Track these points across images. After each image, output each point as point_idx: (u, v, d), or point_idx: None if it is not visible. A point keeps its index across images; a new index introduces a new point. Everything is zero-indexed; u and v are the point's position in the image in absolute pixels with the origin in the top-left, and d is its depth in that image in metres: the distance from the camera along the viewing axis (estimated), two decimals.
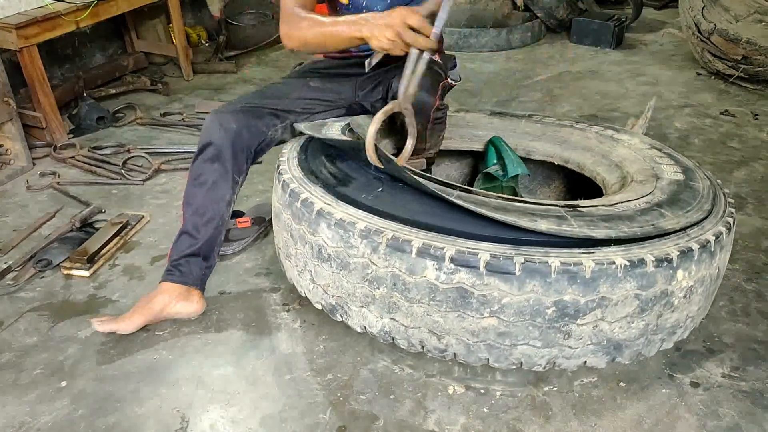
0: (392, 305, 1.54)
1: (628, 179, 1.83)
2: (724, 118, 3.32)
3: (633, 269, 1.42)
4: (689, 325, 1.63)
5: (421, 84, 1.67)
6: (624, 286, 1.43)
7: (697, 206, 1.63)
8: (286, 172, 1.76)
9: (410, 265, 1.46)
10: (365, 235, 1.50)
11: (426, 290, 1.48)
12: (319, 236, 1.60)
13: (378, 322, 1.59)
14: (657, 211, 1.58)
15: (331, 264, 1.59)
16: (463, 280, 1.43)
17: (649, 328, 1.52)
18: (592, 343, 1.50)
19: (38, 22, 2.82)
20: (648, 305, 1.47)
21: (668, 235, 1.52)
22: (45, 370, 1.75)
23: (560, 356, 1.51)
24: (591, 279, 1.40)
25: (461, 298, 1.45)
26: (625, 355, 1.55)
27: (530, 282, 1.41)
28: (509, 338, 1.49)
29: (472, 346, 1.52)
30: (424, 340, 1.56)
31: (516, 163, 2.08)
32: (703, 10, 3.71)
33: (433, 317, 1.51)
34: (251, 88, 3.73)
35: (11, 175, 2.72)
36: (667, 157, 1.91)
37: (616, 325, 1.48)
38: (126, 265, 2.18)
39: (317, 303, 1.72)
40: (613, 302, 1.44)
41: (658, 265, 1.43)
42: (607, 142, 2.06)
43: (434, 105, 1.84)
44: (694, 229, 1.55)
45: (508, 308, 1.44)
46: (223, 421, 1.59)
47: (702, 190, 1.72)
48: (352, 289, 1.58)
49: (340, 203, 1.61)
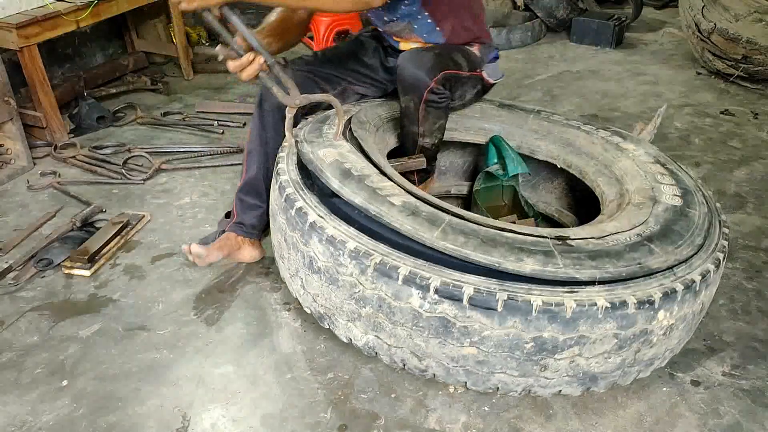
0: (377, 324, 1.55)
1: (625, 198, 1.81)
2: (724, 117, 3.32)
3: (614, 311, 1.42)
4: (668, 356, 1.63)
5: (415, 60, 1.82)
6: (603, 326, 1.43)
7: (689, 240, 1.60)
8: (284, 173, 1.76)
9: (396, 290, 1.48)
10: (354, 256, 1.51)
11: (410, 316, 1.49)
12: (311, 248, 1.60)
13: (363, 336, 1.61)
14: (647, 246, 1.55)
15: (320, 276, 1.60)
16: (446, 310, 1.45)
17: (626, 362, 1.52)
18: (568, 375, 1.51)
19: (39, 22, 2.82)
20: (626, 343, 1.47)
21: (654, 274, 1.50)
22: (46, 369, 1.75)
23: (536, 385, 1.53)
24: (571, 319, 1.41)
25: (443, 327, 1.47)
26: (600, 385, 1.56)
27: (511, 318, 1.42)
28: (487, 366, 1.50)
29: (451, 370, 1.54)
30: (405, 359, 1.58)
31: (516, 163, 2.08)
32: (703, 10, 3.71)
33: (416, 341, 1.52)
34: (252, 87, 3.72)
35: (12, 174, 2.72)
36: (668, 176, 1.87)
37: (593, 360, 1.49)
38: (127, 264, 2.18)
39: (307, 308, 1.74)
40: (591, 340, 1.44)
41: (639, 307, 1.43)
42: (612, 151, 2.03)
43: (428, 85, 1.86)
44: (681, 267, 1.53)
45: (488, 340, 1.45)
46: (224, 420, 1.59)
47: (697, 219, 1.68)
48: (340, 304, 1.60)
49: (332, 217, 1.60)
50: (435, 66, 1.88)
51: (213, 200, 2.55)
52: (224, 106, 3.43)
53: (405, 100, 1.93)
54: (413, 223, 1.52)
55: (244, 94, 3.63)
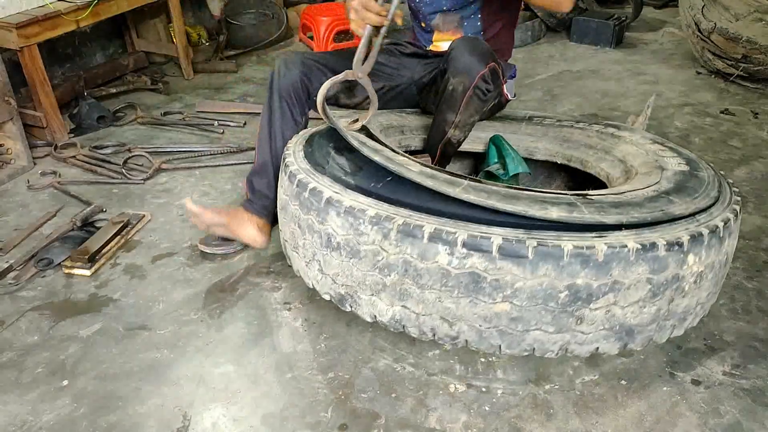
0: (403, 292, 1.52)
1: (632, 172, 1.83)
2: (724, 116, 3.32)
3: (645, 253, 1.41)
4: (699, 312, 1.62)
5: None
6: (636, 270, 1.42)
7: (704, 193, 1.63)
8: (292, 164, 1.75)
9: (422, 250, 1.45)
10: (376, 221, 1.49)
11: (438, 276, 1.46)
12: (328, 225, 1.58)
13: (389, 310, 1.57)
14: (665, 198, 1.58)
15: (340, 252, 1.58)
16: (475, 264, 1.42)
17: (660, 314, 1.51)
18: (605, 329, 1.49)
19: (39, 22, 2.82)
20: (660, 290, 1.46)
21: (678, 220, 1.51)
22: (46, 369, 1.75)
23: (573, 342, 1.50)
24: (604, 262, 1.40)
25: (474, 283, 1.44)
26: (637, 341, 1.54)
27: (543, 266, 1.39)
28: (522, 323, 1.47)
29: (484, 333, 1.51)
30: (435, 327, 1.54)
31: (517, 162, 2.08)
32: (703, 9, 3.71)
33: (445, 303, 1.49)
34: (252, 87, 3.73)
35: (12, 174, 2.72)
36: (669, 150, 1.92)
37: (628, 310, 1.47)
38: (127, 264, 2.18)
39: (326, 294, 1.70)
40: (625, 286, 1.43)
41: (669, 249, 1.43)
42: (609, 139, 2.07)
43: (481, 71, 1.86)
44: (702, 215, 1.55)
45: (521, 293, 1.43)
46: (225, 419, 1.59)
47: (707, 178, 1.72)
48: (362, 278, 1.57)
49: (349, 192, 1.59)
50: (489, 55, 1.88)
51: (213, 200, 2.55)
52: (224, 106, 3.43)
53: (454, 82, 1.89)
54: (434, 183, 1.52)
55: (244, 94, 3.63)
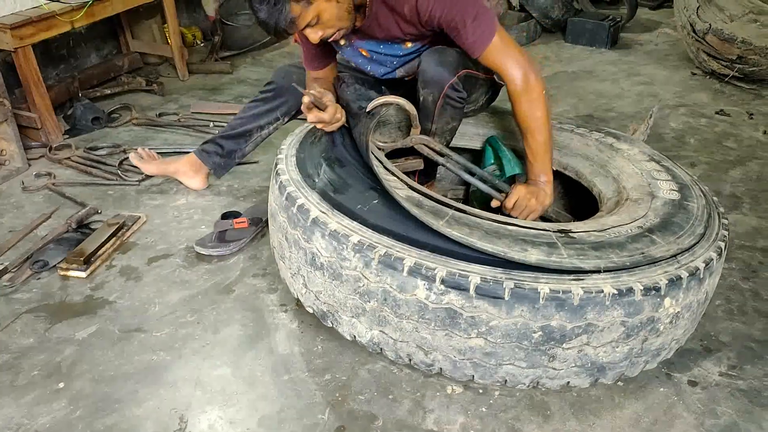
0: (382, 319, 1.55)
1: (623, 195, 1.82)
2: (719, 117, 3.33)
3: (621, 297, 1.42)
4: (674, 346, 1.64)
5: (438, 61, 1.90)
6: (611, 314, 1.43)
7: (689, 230, 1.62)
8: (283, 173, 1.76)
9: (401, 282, 1.47)
10: (358, 249, 1.51)
11: (416, 308, 1.48)
12: (313, 244, 1.59)
13: (367, 332, 1.61)
14: (648, 237, 1.56)
15: (323, 273, 1.60)
16: (452, 301, 1.44)
17: (633, 352, 1.53)
18: (576, 366, 1.51)
19: (33, 23, 2.80)
20: (634, 331, 1.48)
21: (658, 262, 1.51)
22: (42, 371, 1.74)
23: (544, 377, 1.53)
24: (579, 306, 1.41)
25: (450, 318, 1.47)
26: (609, 376, 1.57)
27: (519, 307, 1.42)
28: (495, 358, 1.50)
29: (458, 363, 1.54)
30: (411, 353, 1.58)
31: (513, 163, 2.08)
32: (698, 10, 3.73)
33: (422, 333, 1.52)
34: (247, 88, 3.72)
35: (6, 176, 2.71)
36: (664, 172, 1.89)
37: (600, 350, 1.49)
38: (123, 266, 2.17)
39: (309, 307, 1.74)
40: (599, 328, 1.44)
41: (645, 294, 1.43)
42: (607, 152, 2.05)
43: (449, 81, 1.88)
44: (684, 256, 1.54)
45: (496, 330, 1.45)
46: (222, 421, 1.59)
47: (696, 211, 1.70)
48: (344, 299, 1.59)
49: (335, 213, 1.60)
50: (457, 64, 1.90)
51: (209, 201, 2.54)
52: (219, 107, 3.42)
53: (424, 93, 1.93)
54: (419, 212, 1.53)
55: (239, 95, 3.62)
